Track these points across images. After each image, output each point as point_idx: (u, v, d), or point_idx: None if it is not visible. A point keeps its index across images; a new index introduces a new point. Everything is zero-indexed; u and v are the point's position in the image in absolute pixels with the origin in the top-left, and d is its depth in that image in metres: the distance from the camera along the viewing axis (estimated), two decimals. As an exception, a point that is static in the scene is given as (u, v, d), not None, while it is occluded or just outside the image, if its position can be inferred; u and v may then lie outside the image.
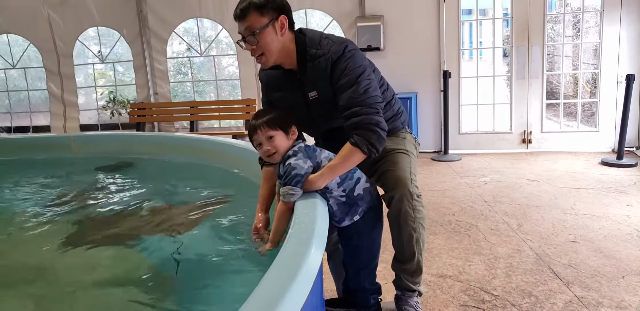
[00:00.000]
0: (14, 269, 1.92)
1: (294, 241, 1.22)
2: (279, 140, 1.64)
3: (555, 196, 3.74)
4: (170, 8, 6.24)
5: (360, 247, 1.75)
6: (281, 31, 1.70)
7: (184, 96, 7.62)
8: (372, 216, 1.75)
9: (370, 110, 1.66)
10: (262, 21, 1.67)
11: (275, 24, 1.69)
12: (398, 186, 1.71)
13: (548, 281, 2.34)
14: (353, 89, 1.67)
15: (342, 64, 1.70)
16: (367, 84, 1.69)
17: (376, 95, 1.70)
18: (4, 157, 3.82)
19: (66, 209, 2.60)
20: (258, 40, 1.68)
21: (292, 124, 1.67)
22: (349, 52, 1.71)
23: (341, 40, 1.76)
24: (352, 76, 1.69)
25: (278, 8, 1.69)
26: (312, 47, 1.74)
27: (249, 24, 1.67)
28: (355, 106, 1.66)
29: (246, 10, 1.67)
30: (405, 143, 1.96)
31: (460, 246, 2.84)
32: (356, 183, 1.68)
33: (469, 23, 6.09)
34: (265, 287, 0.97)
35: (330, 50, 1.72)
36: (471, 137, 5.67)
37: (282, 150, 1.64)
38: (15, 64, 7.09)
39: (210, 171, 3.15)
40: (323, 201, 1.59)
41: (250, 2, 1.67)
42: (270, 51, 1.72)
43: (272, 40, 1.70)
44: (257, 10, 1.66)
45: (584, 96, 6.40)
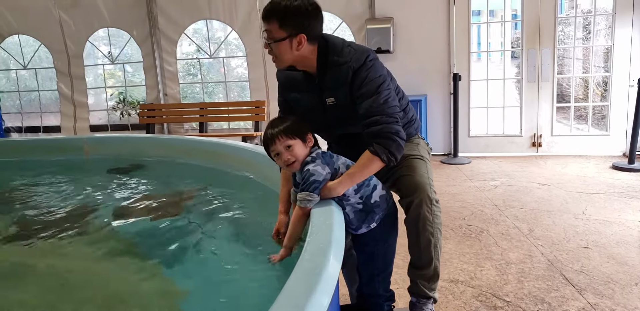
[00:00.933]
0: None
1: (312, 250, 1.22)
2: (298, 149, 1.64)
3: (566, 200, 3.72)
4: (180, 9, 6.26)
5: (376, 254, 1.76)
6: (298, 47, 1.69)
7: (193, 97, 7.63)
8: (388, 223, 1.75)
9: (390, 119, 1.67)
10: (280, 34, 1.66)
11: (292, 40, 1.68)
12: (417, 191, 1.72)
13: (560, 287, 2.33)
14: (373, 98, 1.68)
15: (363, 73, 1.70)
16: (387, 94, 1.70)
17: (395, 105, 1.71)
18: (18, 158, 3.86)
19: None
20: (272, 48, 1.71)
21: (308, 132, 1.68)
22: (370, 62, 1.72)
23: (363, 49, 1.75)
24: (372, 86, 1.69)
25: (300, 26, 1.66)
26: (334, 55, 1.74)
27: (267, 29, 1.67)
28: (375, 115, 1.67)
29: (269, 15, 1.65)
30: (419, 149, 1.97)
31: (471, 250, 2.83)
32: (373, 190, 1.69)
33: (477, 25, 6.05)
34: (285, 298, 0.98)
35: (352, 58, 1.71)
36: (481, 140, 5.66)
37: (301, 158, 1.64)
38: (26, 64, 7.15)
39: (220, 174, 3.16)
40: (339, 208, 1.59)
41: (276, 8, 1.64)
42: (282, 60, 1.74)
43: (285, 52, 1.70)
44: (278, 21, 1.64)
45: (595, 99, 6.36)
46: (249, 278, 1.70)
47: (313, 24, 1.69)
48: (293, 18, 1.64)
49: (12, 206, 2.81)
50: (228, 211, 2.49)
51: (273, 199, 1.97)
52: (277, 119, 1.72)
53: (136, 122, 6.75)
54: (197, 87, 7.41)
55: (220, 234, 2.16)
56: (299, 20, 1.65)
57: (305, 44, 1.70)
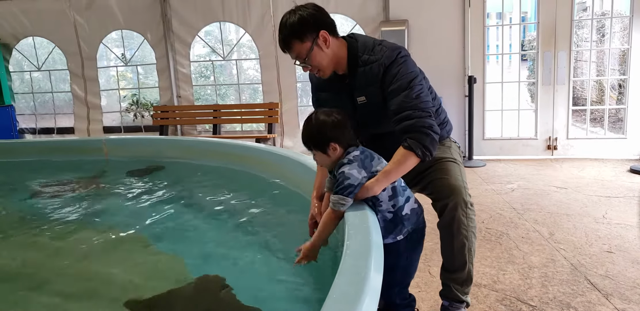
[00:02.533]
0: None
1: (353, 253, 1.21)
2: (320, 157, 1.64)
3: (585, 204, 3.69)
4: (194, 12, 6.29)
5: (397, 266, 1.71)
6: (326, 45, 1.72)
7: (206, 99, 7.66)
8: (415, 237, 1.71)
9: (422, 113, 1.65)
10: (306, 46, 1.70)
11: (318, 42, 1.70)
12: (453, 194, 1.70)
13: (586, 292, 2.30)
14: (405, 93, 1.67)
15: (394, 69, 1.70)
16: (419, 89, 1.68)
17: (428, 100, 1.69)
18: (37, 158, 3.88)
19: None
20: (309, 63, 1.73)
21: (330, 141, 1.60)
22: (402, 58, 1.72)
23: (394, 47, 1.76)
24: (404, 81, 1.68)
25: (315, 26, 1.70)
26: (365, 53, 1.75)
27: (296, 53, 1.72)
28: (407, 110, 1.65)
29: (287, 41, 1.71)
30: (451, 152, 1.96)
31: (492, 254, 2.81)
32: (405, 201, 1.66)
33: (494, 27, 6.03)
34: (334, 304, 0.97)
35: (384, 56, 1.72)
36: (495, 142, 5.63)
37: (326, 164, 1.65)
38: (40, 66, 7.19)
39: (240, 176, 3.16)
40: (372, 211, 1.58)
41: (286, 34, 1.70)
42: (324, 67, 1.76)
43: (322, 58, 1.73)
44: (297, 38, 1.70)
45: (610, 102, 6.32)
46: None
47: (322, 18, 1.73)
48: (305, 26, 1.69)
49: (39, 209, 2.83)
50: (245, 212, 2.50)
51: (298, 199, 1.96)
52: (307, 121, 1.65)
53: (149, 124, 6.78)
54: (209, 89, 7.44)
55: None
56: (310, 24, 1.70)
57: (331, 39, 1.73)
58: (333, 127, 1.60)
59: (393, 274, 1.75)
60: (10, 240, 2.35)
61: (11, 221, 2.65)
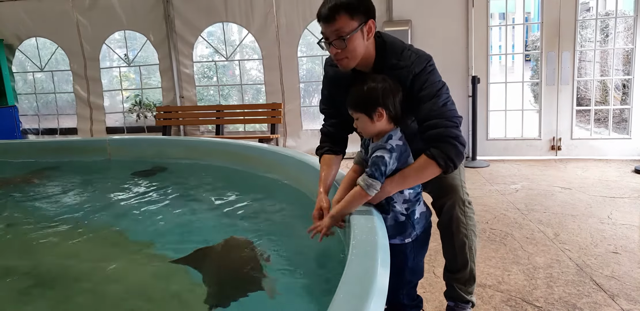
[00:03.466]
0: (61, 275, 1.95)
1: (359, 254, 1.21)
2: (362, 122, 1.60)
3: (590, 204, 3.67)
4: (197, 12, 6.29)
5: (404, 267, 1.71)
6: (368, 36, 1.62)
7: (209, 99, 7.66)
8: (422, 239, 1.72)
9: (449, 123, 1.60)
10: (352, 25, 1.57)
11: (363, 28, 1.59)
12: (449, 192, 1.70)
13: (592, 293, 2.29)
14: (433, 101, 1.62)
15: (423, 77, 1.64)
16: (446, 98, 1.65)
17: (454, 109, 1.65)
18: (43, 159, 3.89)
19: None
20: (346, 44, 1.59)
21: (378, 106, 1.57)
22: (430, 67, 1.67)
23: (424, 54, 1.71)
24: (432, 89, 1.63)
25: (368, 11, 1.60)
26: (393, 57, 1.67)
27: (338, 27, 1.57)
28: (434, 118, 1.61)
29: (336, 11, 1.56)
30: None
31: (497, 255, 2.80)
32: (417, 204, 1.66)
33: (492, 28, 6.01)
34: (340, 305, 0.96)
35: (414, 62, 1.65)
36: (499, 143, 5.61)
37: (367, 131, 1.63)
38: (43, 67, 7.21)
39: (244, 176, 3.16)
40: (377, 212, 1.57)
41: (340, 1, 1.56)
42: (355, 56, 1.64)
43: (359, 45, 1.61)
44: (348, 13, 1.56)
45: (614, 102, 6.30)
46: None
47: (373, 10, 1.63)
48: (362, 5, 1.58)
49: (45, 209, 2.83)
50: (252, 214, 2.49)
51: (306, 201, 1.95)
52: (360, 85, 1.61)
53: (152, 125, 6.78)
54: (212, 89, 7.44)
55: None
56: (366, 7, 1.59)
57: (374, 31, 1.64)
58: (384, 92, 1.57)
59: (400, 276, 1.74)
60: (14, 241, 2.34)
61: (14, 220, 2.65)
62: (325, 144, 1.92)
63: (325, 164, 1.86)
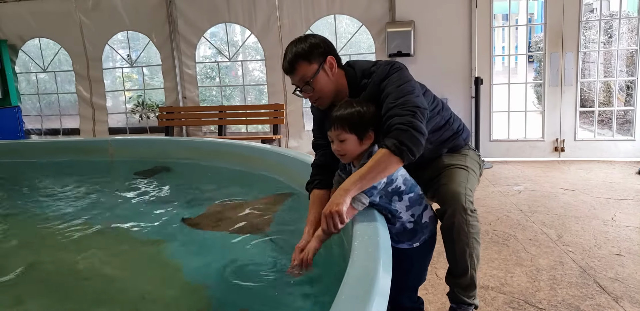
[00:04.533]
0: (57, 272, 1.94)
1: (360, 254, 1.20)
2: (350, 144, 1.57)
3: (594, 206, 3.66)
4: (200, 13, 6.29)
5: (410, 271, 1.72)
6: (332, 71, 1.71)
7: (211, 100, 7.67)
8: (429, 243, 1.73)
9: (404, 112, 1.55)
10: (312, 68, 1.68)
11: (324, 67, 1.70)
12: (451, 200, 1.68)
13: (595, 295, 2.28)
14: (392, 95, 1.62)
15: (386, 82, 1.67)
16: (408, 91, 1.62)
17: (415, 101, 1.60)
18: (44, 159, 3.90)
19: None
20: (313, 87, 1.69)
21: (370, 129, 1.57)
22: (394, 69, 1.70)
23: (387, 62, 1.75)
24: (392, 86, 1.65)
25: (323, 51, 1.70)
26: (364, 78, 1.73)
27: (301, 75, 1.69)
28: (390, 110, 1.58)
29: (294, 62, 1.68)
30: (466, 159, 1.94)
31: (499, 256, 2.78)
32: (424, 209, 1.66)
33: (496, 29, 6.00)
34: (342, 306, 0.95)
35: (376, 73, 1.70)
36: (502, 144, 5.60)
37: (352, 154, 1.59)
38: (46, 67, 7.22)
39: (246, 177, 3.15)
40: (380, 214, 1.56)
41: (295, 53, 1.68)
42: (326, 94, 1.73)
43: (325, 83, 1.71)
44: (305, 60, 1.67)
45: (618, 104, 6.27)
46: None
47: (331, 46, 1.74)
48: (315, 49, 1.69)
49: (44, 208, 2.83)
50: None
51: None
52: (346, 103, 1.62)
53: (155, 125, 6.78)
54: (214, 90, 7.44)
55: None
56: (320, 48, 1.70)
57: (336, 66, 1.72)
58: (374, 116, 1.59)
59: (405, 279, 1.74)
60: (17, 240, 2.34)
61: (17, 221, 2.65)
62: (316, 177, 1.84)
63: (313, 203, 1.76)
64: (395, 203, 1.60)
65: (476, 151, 2.08)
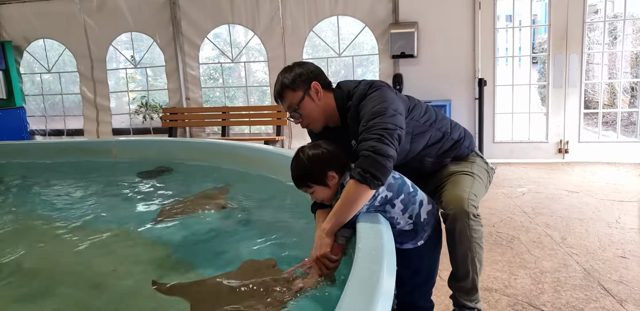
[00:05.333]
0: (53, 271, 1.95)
1: (364, 256, 1.19)
2: (319, 192, 1.62)
3: (598, 208, 3.64)
4: (203, 14, 6.30)
5: (421, 268, 1.72)
6: (317, 96, 1.78)
7: (215, 101, 7.68)
8: (435, 237, 1.73)
9: (371, 136, 1.55)
10: (297, 96, 1.77)
11: (310, 93, 1.77)
12: (454, 205, 1.68)
13: (600, 298, 2.27)
14: (364, 118, 1.65)
15: (363, 102, 1.71)
16: (379, 112, 1.62)
17: (387, 122, 1.59)
18: (48, 160, 3.91)
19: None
20: (300, 113, 1.78)
21: (329, 170, 1.59)
22: (372, 89, 1.73)
23: (367, 82, 1.78)
24: (367, 107, 1.67)
25: (306, 78, 1.77)
26: (349, 99, 1.78)
27: (289, 103, 1.79)
28: (361, 135, 1.60)
29: (280, 91, 1.79)
30: (472, 166, 1.94)
31: (503, 258, 2.78)
32: (420, 206, 1.65)
33: (499, 30, 5.99)
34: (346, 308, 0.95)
35: (355, 96, 1.75)
36: (505, 146, 5.58)
37: (326, 198, 1.63)
38: (50, 68, 7.24)
39: (249, 178, 3.15)
40: (384, 218, 1.56)
41: (281, 83, 1.79)
42: (315, 118, 1.81)
43: (312, 109, 1.78)
44: (290, 89, 1.77)
45: (622, 105, 6.26)
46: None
47: (317, 73, 1.81)
48: (299, 78, 1.77)
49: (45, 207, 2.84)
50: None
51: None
52: (294, 162, 1.65)
53: (158, 126, 6.79)
54: (218, 91, 7.45)
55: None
56: (304, 76, 1.77)
57: (323, 92, 1.79)
58: (326, 157, 1.61)
59: (417, 277, 1.75)
60: (20, 240, 2.35)
61: (20, 221, 2.66)
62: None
63: (319, 221, 1.72)
64: (390, 211, 1.61)
65: (484, 159, 2.06)
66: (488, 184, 2.00)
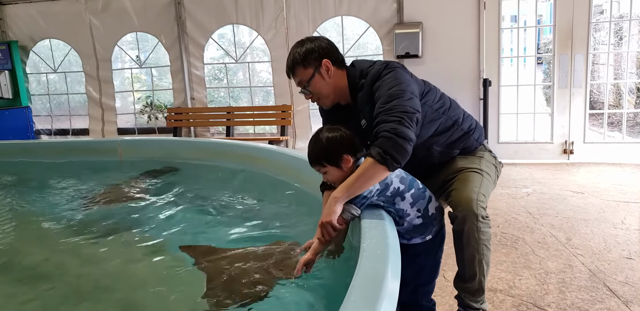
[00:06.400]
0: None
1: (369, 256, 1.19)
2: (332, 173, 1.62)
3: (603, 209, 3.63)
4: (208, 14, 6.31)
5: (425, 265, 1.72)
6: (328, 74, 1.79)
7: (219, 101, 7.69)
8: (441, 234, 1.74)
9: (390, 118, 1.56)
10: (308, 73, 1.78)
11: (320, 70, 1.78)
12: (462, 206, 1.68)
13: (605, 299, 2.26)
14: (381, 100, 1.65)
15: (379, 83, 1.71)
16: (397, 94, 1.63)
17: (405, 105, 1.60)
18: (54, 159, 3.93)
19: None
20: (310, 90, 1.79)
21: (344, 153, 1.59)
22: (387, 70, 1.73)
23: (383, 62, 1.78)
24: (383, 89, 1.67)
25: (318, 55, 1.78)
26: (361, 78, 1.79)
27: (299, 79, 1.81)
28: (378, 116, 1.61)
29: (292, 68, 1.81)
30: (480, 162, 1.91)
31: (508, 259, 2.77)
32: (429, 202, 1.66)
33: (504, 30, 5.98)
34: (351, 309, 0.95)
35: (370, 75, 1.75)
36: (510, 146, 5.57)
37: (338, 179, 1.62)
38: (56, 68, 7.28)
39: (254, 178, 3.15)
40: (388, 215, 1.56)
41: (292, 59, 1.80)
42: (325, 95, 1.82)
43: (321, 86, 1.79)
44: (301, 65, 1.79)
45: (628, 106, 6.23)
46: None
47: (329, 50, 1.81)
48: (310, 54, 1.78)
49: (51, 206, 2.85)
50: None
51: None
52: (314, 139, 1.65)
53: (163, 126, 6.81)
54: (222, 91, 7.46)
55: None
56: (316, 53, 1.78)
57: (333, 68, 1.79)
58: (342, 140, 1.61)
59: (421, 274, 1.76)
60: (20, 238, 2.36)
61: (24, 221, 2.66)
62: None
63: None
64: (399, 203, 1.62)
65: (492, 153, 2.03)
66: (496, 180, 1.98)
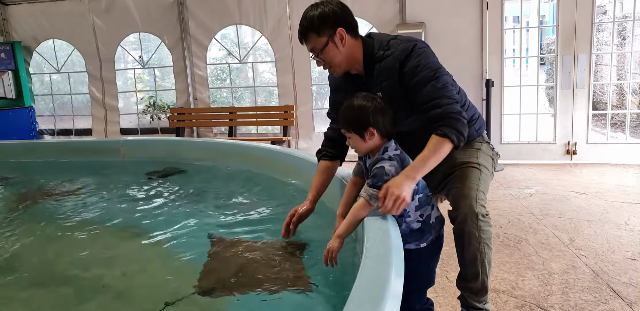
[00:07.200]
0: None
1: (372, 257, 1.19)
2: (355, 141, 1.63)
3: (607, 210, 3.62)
4: (211, 15, 6.32)
5: (418, 271, 1.68)
6: (342, 43, 1.74)
7: (222, 101, 7.70)
8: (437, 243, 1.71)
9: (450, 101, 1.66)
10: (322, 41, 1.74)
11: (334, 39, 1.73)
12: (462, 205, 1.67)
13: (609, 300, 2.25)
14: (432, 83, 1.68)
15: (413, 61, 1.69)
16: (445, 80, 1.70)
17: (453, 89, 1.71)
18: (57, 159, 3.94)
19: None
20: (322, 58, 1.76)
21: (368, 127, 1.59)
22: (420, 49, 1.71)
23: (410, 39, 1.76)
24: (428, 71, 1.69)
25: (333, 23, 1.72)
26: (380, 49, 1.76)
27: (312, 46, 1.77)
28: (435, 99, 1.66)
29: (304, 34, 1.77)
30: (479, 155, 1.88)
31: (511, 260, 2.76)
32: (432, 209, 1.65)
33: (506, 31, 5.97)
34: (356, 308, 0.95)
35: (398, 48, 1.72)
36: (513, 147, 5.56)
37: (360, 149, 1.64)
38: (59, 68, 7.30)
39: (257, 178, 3.15)
40: (392, 216, 1.55)
41: (305, 25, 1.75)
42: (337, 64, 1.78)
43: (335, 55, 1.75)
44: (314, 32, 1.74)
45: (631, 106, 6.21)
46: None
47: (344, 16, 1.75)
48: (324, 21, 1.72)
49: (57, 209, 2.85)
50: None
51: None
52: (349, 101, 1.65)
53: (166, 126, 6.82)
54: (225, 91, 7.47)
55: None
56: (330, 21, 1.72)
57: (348, 37, 1.74)
58: (374, 112, 1.59)
59: (413, 280, 1.72)
60: (28, 239, 2.36)
61: (27, 221, 2.67)
62: (325, 147, 2.02)
63: (320, 171, 1.98)
64: None
65: (490, 144, 2.02)
66: (493, 171, 1.98)
